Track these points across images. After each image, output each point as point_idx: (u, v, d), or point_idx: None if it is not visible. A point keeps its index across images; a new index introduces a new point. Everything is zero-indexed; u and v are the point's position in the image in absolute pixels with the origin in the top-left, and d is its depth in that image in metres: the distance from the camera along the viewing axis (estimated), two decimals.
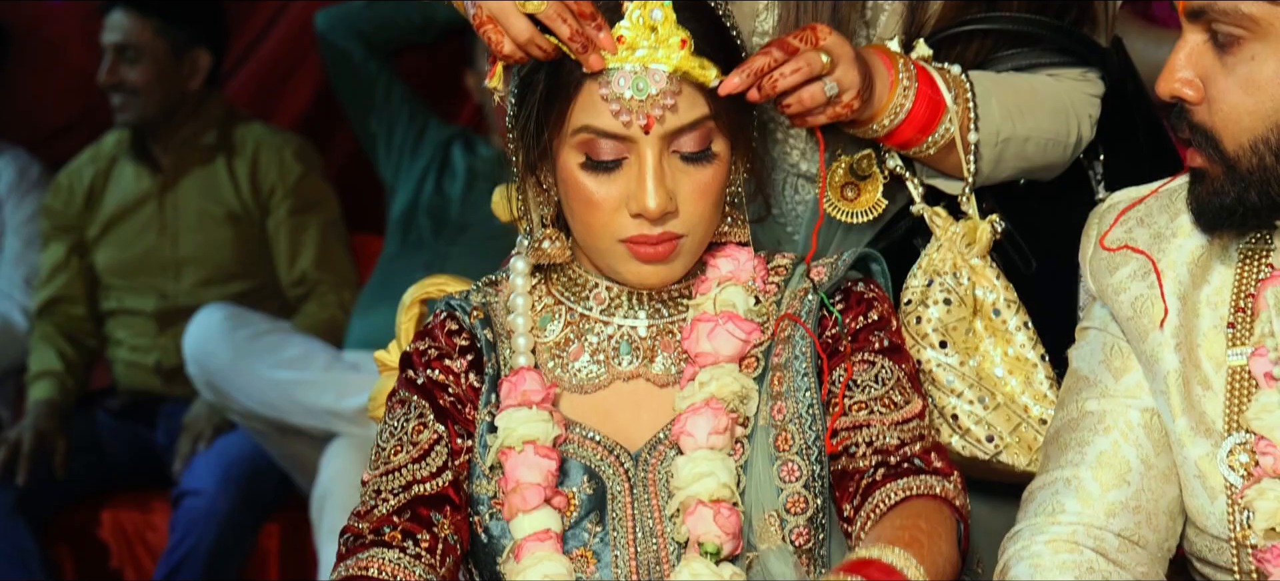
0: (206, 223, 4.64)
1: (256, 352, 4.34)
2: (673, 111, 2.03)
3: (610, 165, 2.04)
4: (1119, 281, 2.08)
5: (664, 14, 2.03)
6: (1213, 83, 1.93)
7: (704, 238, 2.11)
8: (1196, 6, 1.92)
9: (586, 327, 2.15)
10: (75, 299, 4.69)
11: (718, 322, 2.09)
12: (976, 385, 2.24)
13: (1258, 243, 2.02)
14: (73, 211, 4.70)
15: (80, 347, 4.68)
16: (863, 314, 2.12)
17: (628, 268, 2.08)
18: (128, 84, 4.59)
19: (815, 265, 2.16)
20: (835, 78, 2.11)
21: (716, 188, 2.08)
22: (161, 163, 4.67)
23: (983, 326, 2.25)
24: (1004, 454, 2.23)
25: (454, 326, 2.17)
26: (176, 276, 4.65)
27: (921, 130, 2.23)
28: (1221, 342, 2.00)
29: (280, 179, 4.67)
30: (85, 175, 4.72)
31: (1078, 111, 2.34)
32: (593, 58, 2.01)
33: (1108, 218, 2.13)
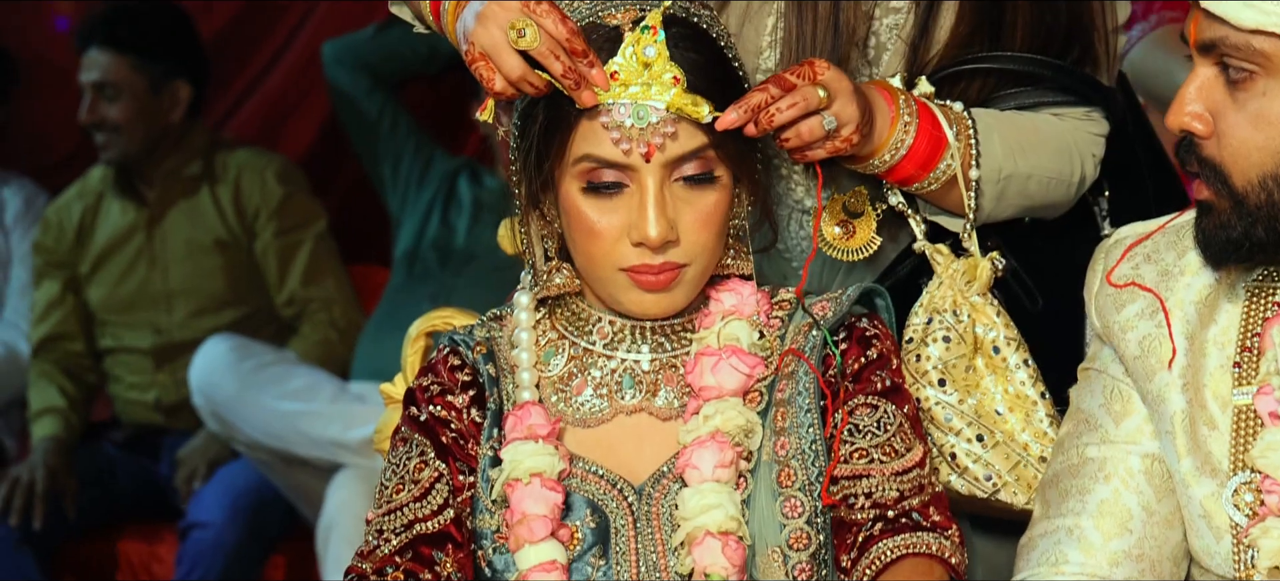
0: (195, 252, 4.63)
1: (262, 383, 4.35)
2: (673, 139, 2.03)
3: (612, 189, 2.04)
4: (1126, 319, 2.07)
5: (657, 51, 2.03)
6: (1223, 117, 1.93)
7: (706, 267, 2.10)
8: (1208, 40, 1.92)
9: (589, 362, 2.15)
10: (73, 335, 4.68)
11: (721, 357, 2.09)
12: (976, 423, 2.23)
13: (1264, 279, 2.02)
14: (64, 247, 4.69)
15: (80, 383, 4.67)
16: (864, 352, 2.12)
17: (629, 296, 2.08)
18: (109, 121, 4.57)
19: (819, 300, 2.16)
20: (833, 112, 2.10)
21: (719, 216, 2.08)
22: (147, 197, 4.66)
23: (984, 364, 2.25)
24: (1002, 492, 2.22)
25: (456, 362, 2.17)
26: (169, 309, 4.64)
27: (922, 166, 2.23)
28: (1227, 382, 2.00)
29: (263, 201, 4.66)
30: (74, 211, 4.71)
31: (1081, 150, 2.34)
32: (585, 94, 2.02)
33: (1114, 253, 2.12)
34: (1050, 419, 2.23)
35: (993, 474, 2.22)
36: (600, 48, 2.04)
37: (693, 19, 2.09)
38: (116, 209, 4.67)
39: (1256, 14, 1.86)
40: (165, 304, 4.64)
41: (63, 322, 4.67)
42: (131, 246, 4.66)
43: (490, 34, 2.05)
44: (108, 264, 4.67)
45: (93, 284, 4.68)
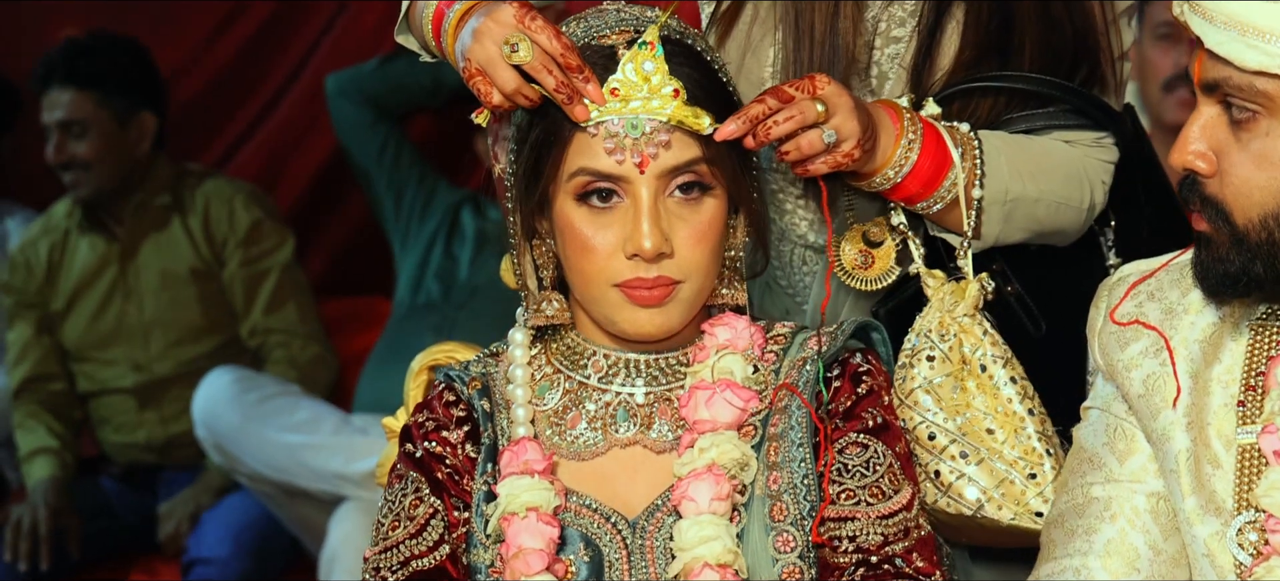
0: (170, 283, 4.62)
1: (265, 416, 4.35)
2: (667, 149, 2.05)
3: (605, 199, 2.06)
4: (1130, 358, 2.07)
5: (656, 65, 2.05)
6: (1225, 156, 1.93)
7: (701, 288, 2.11)
8: (1212, 80, 1.92)
9: (584, 395, 2.16)
10: (53, 375, 4.66)
11: (715, 390, 2.09)
12: (961, 441, 2.22)
13: (1268, 317, 2.01)
14: (34, 287, 4.66)
15: (67, 421, 4.65)
16: (855, 388, 2.13)
17: (623, 314, 2.08)
18: (78, 159, 4.56)
19: (814, 333, 2.16)
20: (833, 125, 2.11)
21: (714, 233, 2.09)
22: (117, 231, 4.65)
23: (974, 384, 2.25)
24: (987, 508, 2.20)
25: (451, 397, 2.19)
26: (146, 342, 4.62)
27: (926, 185, 2.23)
28: (1232, 420, 1.99)
29: (232, 229, 4.65)
30: (41, 248, 4.68)
31: (1091, 177, 2.34)
32: (578, 108, 2.04)
33: (1117, 291, 2.12)
34: (1039, 435, 2.22)
35: (978, 490, 2.21)
36: (596, 66, 2.06)
37: (687, 40, 2.11)
38: (85, 245, 4.65)
39: (1260, 55, 1.86)
40: (143, 336, 4.62)
41: (41, 362, 4.65)
42: (104, 281, 4.64)
43: (486, 49, 2.08)
44: (82, 301, 4.65)
45: (68, 322, 4.66)
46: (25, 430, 4.60)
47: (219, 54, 5.05)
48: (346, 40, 5.00)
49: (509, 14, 2.08)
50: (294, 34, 5.09)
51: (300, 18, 5.07)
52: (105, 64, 4.60)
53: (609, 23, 2.10)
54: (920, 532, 2.10)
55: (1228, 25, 1.88)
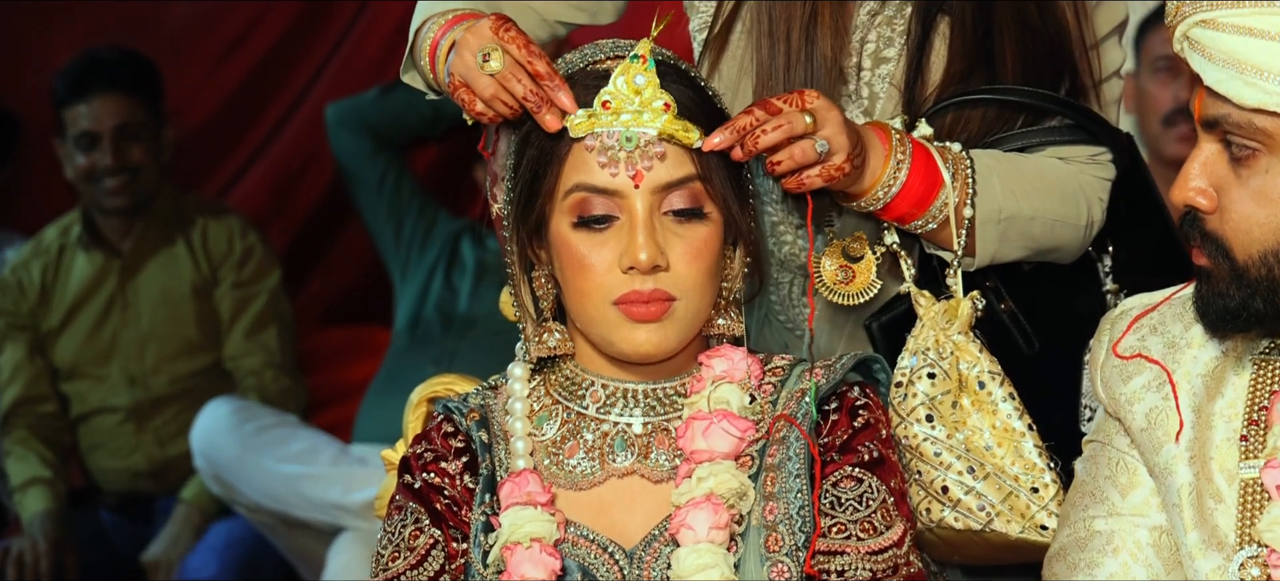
0: (170, 300, 4.63)
1: (263, 446, 4.34)
2: (661, 161, 2.07)
3: (602, 221, 2.07)
4: (1132, 392, 2.07)
5: (647, 78, 2.07)
6: (1226, 193, 1.93)
7: (697, 308, 2.11)
8: (1211, 117, 1.92)
9: (582, 425, 2.16)
10: (45, 396, 4.64)
11: (712, 421, 2.09)
12: (965, 457, 2.23)
13: (1271, 352, 2.01)
14: (26, 308, 4.65)
15: (57, 447, 4.62)
16: (852, 422, 2.13)
17: (620, 334, 2.09)
18: (132, 164, 4.56)
19: (815, 365, 2.16)
20: (823, 136, 2.12)
21: (709, 253, 2.10)
22: (120, 246, 4.65)
23: (969, 402, 2.25)
24: (996, 522, 2.21)
25: (449, 429, 2.20)
26: (141, 356, 4.62)
27: (917, 205, 2.24)
28: (1234, 455, 1.99)
29: (229, 251, 4.66)
30: (33, 269, 4.67)
31: (1088, 194, 2.35)
32: (549, 117, 2.07)
33: (1120, 324, 2.12)
34: (1038, 450, 2.23)
35: (985, 504, 2.22)
36: (590, 87, 2.09)
37: (679, 63, 2.14)
38: (83, 261, 4.65)
39: (1259, 93, 1.87)
40: (138, 350, 4.62)
41: (33, 384, 4.63)
42: (102, 296, 4.64)
43: (464, 61, 2.14)
44: (78, 316, 4.64)
45: (62, 338, 4.65)
46: (17, 458, 4.58)
47: (222, 84, 5.06)
48: (349, 69, 5.01)
49: (486, 26, 2.13)
50: (297, 63, 5.10)
51: (303, 47, 5.09)
52: (149, 72, 4.63)
53: (605, 50, 2.13)
54: (910, 570, 2.09)
55: (1227, 63, 1.88)
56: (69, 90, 4.57)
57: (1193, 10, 1.91)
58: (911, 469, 2.23)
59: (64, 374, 4.67)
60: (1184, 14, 1.92)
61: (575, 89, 2.09)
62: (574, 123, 2.07)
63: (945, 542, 2.23)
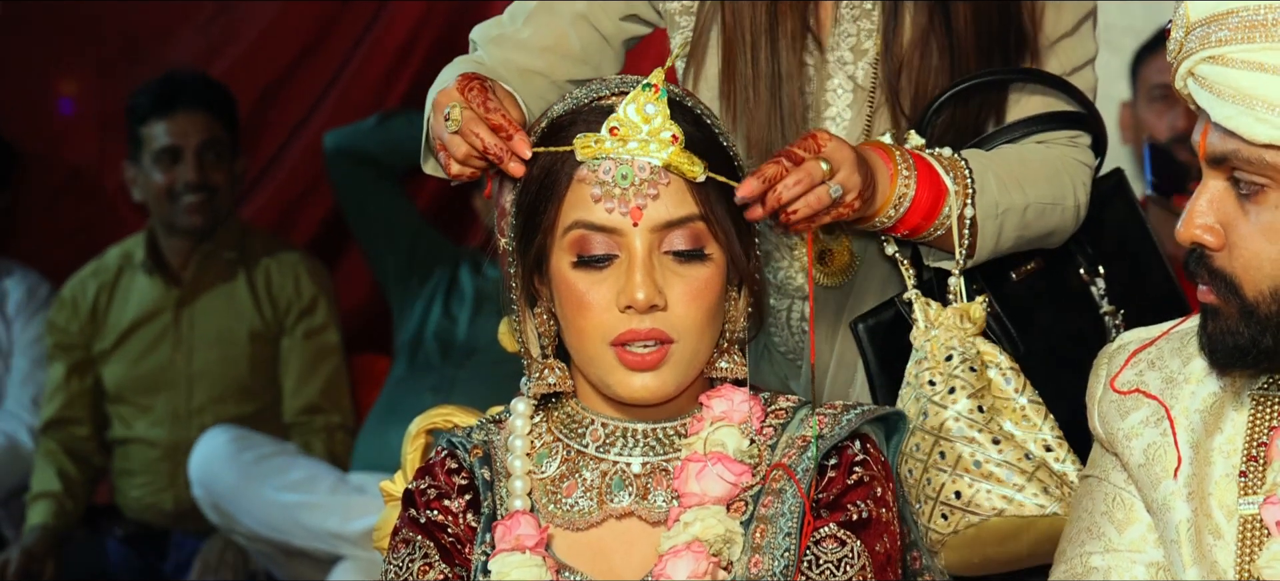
0: (226, 340, 4.63)
1: (262, 475, 4.34)
2: (657, 200, 2.05)
3: (601, 261, 2.06)
4: (1130, 427, 2.06)
5: (658, 108, 2.06)
6: (1234, 229, 1.92)
7: (696, 351, 2.09)
8: (1219, 153, 1.91)
9: (582, 463, 2.14)
10: (79, 419, 4.65)
11: (707, 463, 2.07)
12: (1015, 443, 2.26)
13: (1270, 387, 2.00)
14: (76, 328, 4.65)
15: (84, 465, 4.64)
16: (847, 477, 2.09)
17: (616, 377, 2.07)
18: (212, 183, 4.56)
19: (819, 412, 2.14)
20: (838, 180, 2.14)
21: (710, 294, 2.08)
22: (181, 276, 4.65)
23: (992, 402, 2.27)
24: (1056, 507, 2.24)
25: (453, 465, 2.18)
26: (189, 393, 4.62)
27: (927, 216, 2.28)
28: (1233, 491, 1.98)
29: (296, 296, 4.66)
30: (89, 289, 4.67)
31: (1071, 174, 2.38)
32: (512, 165, 2.10)
33: (1118, 359, 2.11)
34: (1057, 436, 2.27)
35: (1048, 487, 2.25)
36: (588, 121, 2.08)
37: (688, 101, 2.12)
38: (143, 284, 4.64)
39: (1269, 129, 1.86)
40: (186, 387, 4.62)
41: (68, 406, 4.64)
42: (157, 324, 4.64)
43: (438, 121, 2.18)
44: (131, 340, 4.64)
45: (112, 361, 4.65)
46: (40, 469, 4.59)
47: None
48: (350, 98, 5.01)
49: (454, 85, 2.17)
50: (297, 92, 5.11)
51: (304, 76, 5.09)
52: (229, 97, 4.65)
53: (611, 86, 2.12)
54: None
55: (1236, 99, 1.87)
56: (152, 106, 4.57)
57: (1199, 47, 1.90)
58: (964, 461, 2.24)
59: (110, 397, 4.67)
60: (1189, 51, 1.91)
61: (577, 122, 2.09)
62: (580, 146, 2.06)
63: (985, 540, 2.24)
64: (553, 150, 2.08)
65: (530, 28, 2.48)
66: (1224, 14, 1.89)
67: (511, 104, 2.17)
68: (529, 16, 2.49)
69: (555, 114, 2.12)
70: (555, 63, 2.48)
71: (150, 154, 4.57)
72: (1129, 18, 4.51)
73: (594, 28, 2.50)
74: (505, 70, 2.43)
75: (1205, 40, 1.90)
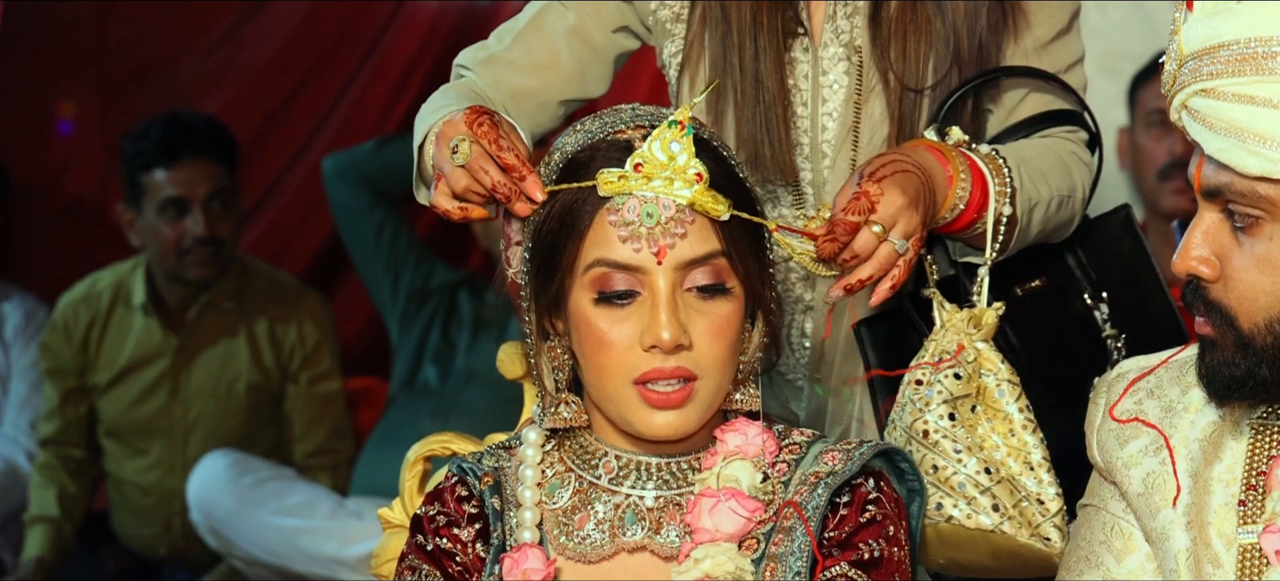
0: (222, 392, 4.59)
1: (260, 500, 4.34)
2: (683, 239, 2.02)
3: (623, 298, 2.03)
4: (1129, 456, 2.06)
5: (683, 146, 2.03)
6: (1229, 261, 1.92)
7: (719, 385, 2.07)
8: (1213, 186, 1.92)
9: (594, 495, 2.12)
10: (75, 442, 4.64)
11: (720, 499, 2.05)
12: (981, 457, 2.25)
13: (1269, 417, 2.01)
14: (68, 355, 4.62)
15: (81, 479, 4.61)
16: (860, 515, 2.07)
17: (638, 414, 2.05)
18: (219, 235, 4.47)
19: (831, 448, 2.12)
20: (898, 234, 2.15)
21: (731, 329, 2.06)
22: (182, 321, 4.59)
23: (984, 410, 2.27)
24: (1006, 525, 2.23)
25: (463, 492, 2.15)
26: (185, 443, 4.59)
27: (979, 211, 2.29)
28: (1232, 520, 1.98)
29: (299, 344, 4.62)
30: (81, 317, 4.62)
31: (1077, 167, 2.41)
32: (519, 206, 2.08)
33: (1116, 387, 2.11)
34: (1046, 463, 2.26)
35: (999, 504, 2.24)
36: (609, 157, 2.05)
37: (709, 135, 2.10)
38: (141, 324, 4.59)
39: (1262, 162, 1.86)
40: (181, 436, 4.59)
41: (65, 430, 4.63)
42: (155, 369, 4.59)
43: (441, 153, 2.15)
44: (128, 381, 4.60)
45: (107, 396, 4.62)
46: (39, 486, 4.57)
47: None
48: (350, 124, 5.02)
49: (460, 117, 2.13)
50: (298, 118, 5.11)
51: (305, 101, 5.10)
52: (232, 139, 4.55)
53: (624, 119, 2.09)
54: None
55: (1228, 132, 1.88)
56: (156, 153, 4.45)
57: (1191, 80, 1.91)
58: (926, 464, 2.25)
59: (105, 429, 4.65)
60: (1182, 83, 1.92)
61: (597, 158, 2.06)
62: (604, 182, 2.03)
63: (945, 542, 2.23)
64: (575, 187, 2.05)
65: (520, 47, 2.48)
66: (1215, 47, 1.89)
67: (518, 140, 2.15)
68: (518, 35, 2.49)
69: (570, 149, 2.09)
70: (548, 81, 2.47)
71: (154, 204, 4.47)
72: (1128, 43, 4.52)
73: (586, 43, 2.50)
74: (496, 92, 2.43)
75: (1197, 73, 1.90)
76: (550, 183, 2.07)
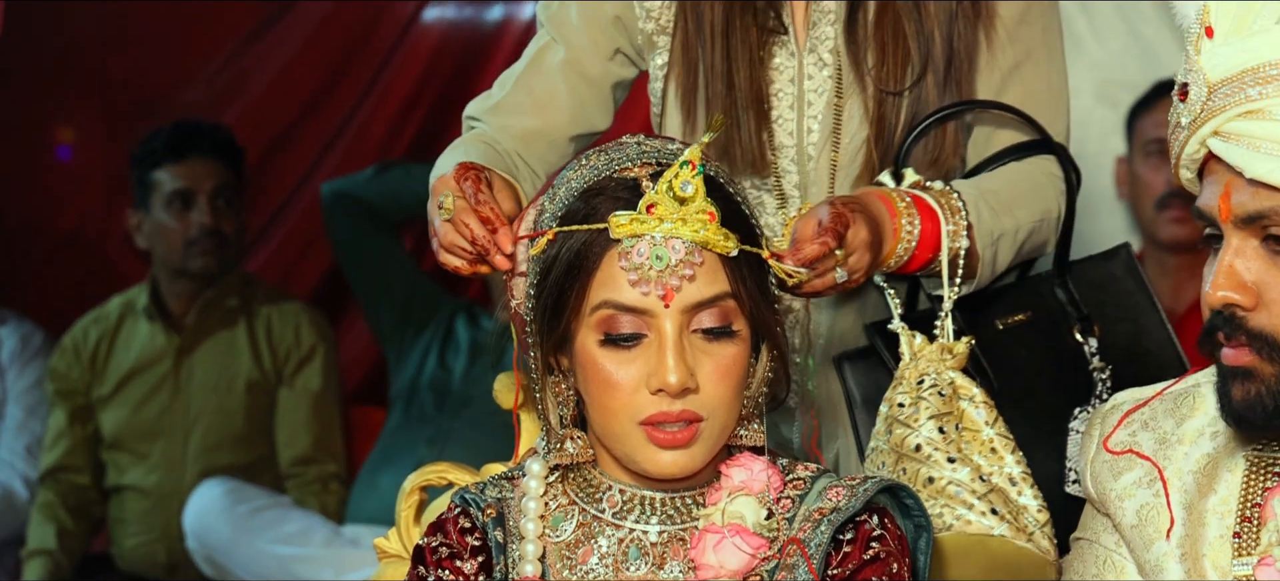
0: (223, 388, 4.63)
1: (256, 528, 4.33)
2: (691, 282, 2.01)
3: (630, 340, 2.02)
4: (1123, 488, 2.06)
5: (695, 186, 2.02)
6: (1269, 288, 1.89)
7: (725, 424, 2.06)
8: (1253, 212, 1.88)
9: (598, 529, 2.10)
10: (80, 467, 4.64)
11: (724, 535, 2.04)
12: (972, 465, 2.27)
13: (1264, 450, 2.00)
14: (76, 375, 4.66)
15: (81, 517, 4.62)
16: (864, 552, 2.06)
17: (644, 454, 2.04)
18: (223, 229, 4.60)
19: (836, 484, 2.11)
20: (848, 267, 2.20)
21: (738, 370, 2.05)
22: (182, 324, 4.66)
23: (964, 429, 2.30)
24: (1005, 529, 2.25)
25: (466, 524, 2.13)
26: (185, 440, 4.62)
27: (933, 251, 2.33)
28: (1227, 552, 1.97)
29: (295, 346, 4.66)
30: (90, 336, 4.68)
31: (1050, 186, 2.45)
32: (498, 258, 2.13)
33: (1110, 419, 2.11)
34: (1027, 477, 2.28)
35: (997, 509, 2.26)
36: (617, 196, 2.03)
37: (718, 172, 2.09)
38: (144, 330, 4.65)
39: None
40: (183, 435, 4.62)
41: (70, 453, 4.64)
42: (157, 371, 4.64)
43: (432, 207, 2.24)
44: (130, 386, 4.64)
45: (110, 406, 4.65)
46: (38, 522, 4.58)
47: None
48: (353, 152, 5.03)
49: (452, 173, 2.20)
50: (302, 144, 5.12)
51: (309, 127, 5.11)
52: (238, 148, 4.68)
53: (630, 155, 2.07)
54: None
55: (1272, 151, 1.86)
56: (166, 150, 4.61)
57: (1230, 104, 1.88)
58: (920, 478, 2.26)
59: (107, 443, 4.67)
60: (1216, 110, 1.89)
61: (603, 196, 2.04)
62: (615, 225, 2.01)
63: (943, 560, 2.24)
64: (587, 228, 2.03)
65: (521, 90, 2.52)
66: (1257, 67, 1.87)
67: (506, 195, 2.19)
68: (518, 79, 2.53)
69: (577, 186, 2.07)
70: (552, 120, 2.50)
71: (161, 198, 4.60)
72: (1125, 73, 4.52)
73: (581, 76, 2.53)
74: (505, 137, 2.46)
75: (1237, 97, 1.87)
76: (556, 220, 2.06)
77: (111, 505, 4.66)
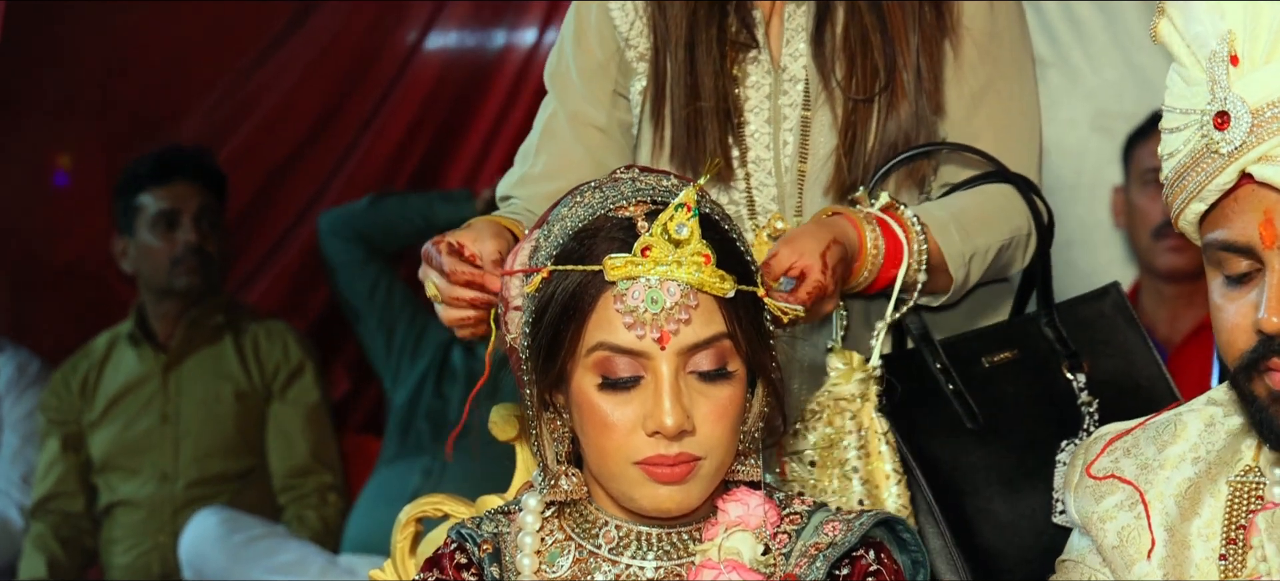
0: (212, 399, 4.66)
1: (251, 558, 4.33)
2: (687, 324, 2.00)
3: (626, 384, 2.01)
4: (1105, 510, 2.06)
5: (690, 229, 2.01)
6: None
7: (722, 462, 2.05)
8: None
9: (594, 565, 2.09)
10: (73, 493, 4.66)
11: (721, 571, 2.03)
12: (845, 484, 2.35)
13: (1247, 475, 2.00)
14: (67, 405, 4.69)
15: (74, 549, 4.64)
16: None
17: (642, 491, 2.03)
18: (205, 251, 4.67)
19: (832, 518, 2.11)
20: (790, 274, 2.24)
21: (734, 410, 2.04)
22: (167, 343, 4.70)
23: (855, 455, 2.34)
24: None
25: (463, 559, 2.13)
26: (176, 453, 4.63)
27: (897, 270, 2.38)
28: (1214, 574, 1.97)
29: (284, 360, 4.69)
30: (79, 368, 4.74)
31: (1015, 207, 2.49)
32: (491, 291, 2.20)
33: (1094, 447, 2.12)
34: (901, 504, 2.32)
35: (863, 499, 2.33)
36: (613, 237, 2.02)
37: (713, 213, 2.08)
38: (131, 356, 4.71)
39: None
40: (173, 448, 4.64)
41: (62, 480, 4.66)
42: (144, 392, 4.68)
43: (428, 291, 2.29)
44: (117, 409, 4.68)
45: (100, 429, 4.67)
46: (29, 555, 4.60)
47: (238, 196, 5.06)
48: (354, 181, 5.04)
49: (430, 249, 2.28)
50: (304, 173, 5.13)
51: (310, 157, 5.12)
52: (219, 170, 4.76)
53: (625, 193, 2.06)
54: None
55: None
56: (150, 175, 4.70)
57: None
58: None
59: (98, 467, 4.69)
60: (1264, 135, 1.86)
61: (598, 237, 2.03)
62: (610, 267, 2.00)
63: None
64: (581, 270, 2.02)
65: (541, 158, 2.59)
66: None
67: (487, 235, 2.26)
68: (537, 149, 2.60)
69: (571, 225, 2.06)
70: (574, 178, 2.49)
71: (146, 221, 4.67)
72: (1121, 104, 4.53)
73: (590, 126, 2.57)
74: (536, 205, 2.49)
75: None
76: (550, 257, 2.05)
77: (103, 527, 4.68)
